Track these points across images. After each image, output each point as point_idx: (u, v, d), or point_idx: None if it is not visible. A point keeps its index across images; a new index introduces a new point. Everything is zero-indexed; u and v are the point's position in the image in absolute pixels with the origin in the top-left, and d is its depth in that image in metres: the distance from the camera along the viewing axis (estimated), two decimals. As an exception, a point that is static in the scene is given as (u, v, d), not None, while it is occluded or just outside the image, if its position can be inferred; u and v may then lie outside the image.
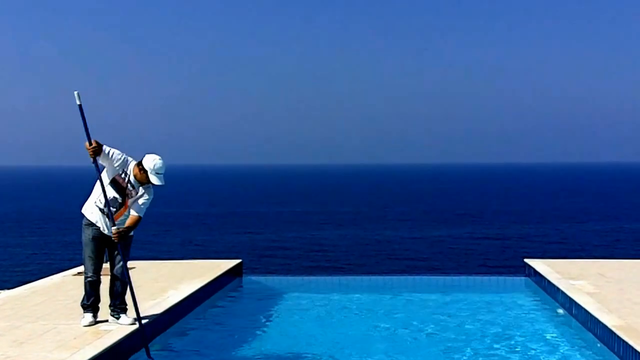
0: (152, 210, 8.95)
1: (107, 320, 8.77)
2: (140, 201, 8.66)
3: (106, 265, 8.82)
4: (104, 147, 8.45)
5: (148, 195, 8.71)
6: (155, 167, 8.52)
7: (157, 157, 8.58)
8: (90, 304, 8.71)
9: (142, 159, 8.58)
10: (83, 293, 8.77)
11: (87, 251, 8.64)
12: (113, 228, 8.43)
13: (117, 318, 8.77)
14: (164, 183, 8.55)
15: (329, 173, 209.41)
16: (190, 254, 29.42)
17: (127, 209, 8.65)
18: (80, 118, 8.31)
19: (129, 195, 8.61)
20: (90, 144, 8.28)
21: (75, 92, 8.29)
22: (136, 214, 8.62)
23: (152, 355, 8.42)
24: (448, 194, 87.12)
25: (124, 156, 8.59)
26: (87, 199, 8.72)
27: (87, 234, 8.62)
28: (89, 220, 8.60)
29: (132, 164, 8.62)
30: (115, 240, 8.48)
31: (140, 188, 8.63)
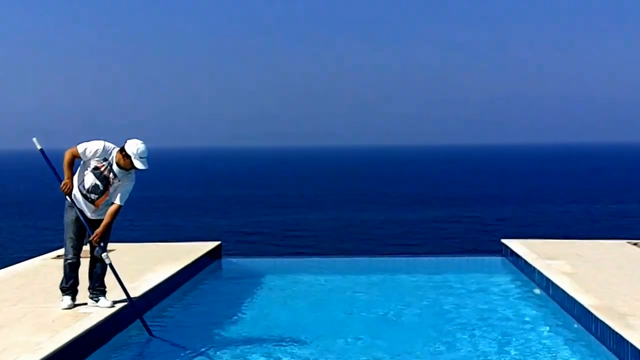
0: (131, 193, 8.89)
1: (86, 303, 8.72)
2: (123, 189, 8.64)
3: (86, 248, 8.78)
4: (78, 147, 8.49)
5: (130, 181, 8.69)
6: (139, 152, 8.48)
7: (139, 141, 8.55)
8: (69, 286, 8.66)
9: (124, 144, 8.54)
10: (62, 276, 8.71)
11: (69, 232, 8.60)
12: (93, 237, 8.49)
13: (96, 301, 8.73)
14: (147, 167, 8.53)
15: (307, 155, 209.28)
16: (169, 236, 29.33)
17: (109, 196, 8.64)
18: (45, 162, 8.55)
19: (111, 183, 8.58)
20: (60, 182, 8.45)
21: (34, 139, 8.43)
22: (118, 203, 8.60)
23: (153, 333, 8.61)
24: (425, 176, 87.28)
25: (103, 145, 8.56)
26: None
27: (69, 216, 8.58)
28: (71, 202, 8.54)
29: (115, 151, 8.56)
30: (95, 244, 8.54)
31: (122, 174, 8.60)
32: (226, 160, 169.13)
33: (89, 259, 8.79)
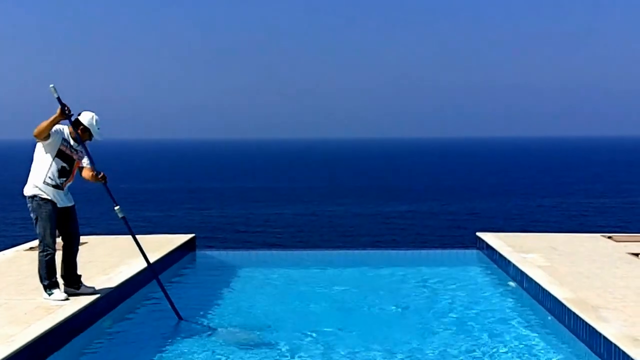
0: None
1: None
2: (85, 157, 8.82)
3: (58, 240, 8.81)
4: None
5: (85, 149, 8.82)
6: (97, 123, 8.74)
7: (93, 113, 8.77)
8: (55, 279, 8.65)
9: (77, 118, 8.68)
10: (40, 272, 8.64)
11: (49, 227, 8.59)
12: (99, 174, 8.72)
13: (77, 288, 8.78)
14: (104, 138, 8.79)
15: (281, 148, 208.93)
16: (142, 229, 29.24)
17: (74, 176, 8.82)
18: (59, 104, 8.35)
19: (78, 159, 8.79)
20: (64, 112, 8.34)
21: (51, 86, 8.36)
22: (90, 166, 8.80)
23: (182, 316, 8.98)
24: (399, 169, 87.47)
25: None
26: (27, 178, 8.68)
27: (46, 210, 8.57)
28: (44, 198, 8.54)
29: (66, 129, 8.70)
30: (104, 181, 8.77)
31: (80, 148, 8.79)
32: (198, 153, 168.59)
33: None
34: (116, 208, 8.94)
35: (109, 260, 11.33)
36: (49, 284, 8.62)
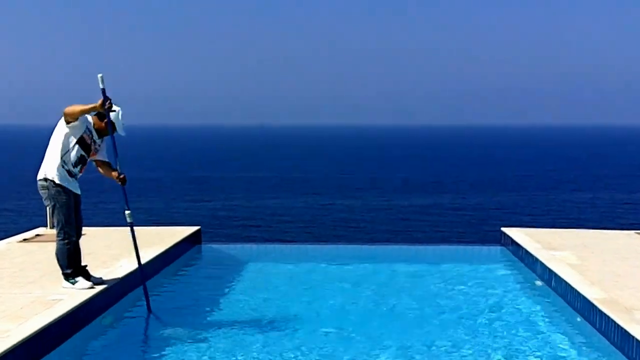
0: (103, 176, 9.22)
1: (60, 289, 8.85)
2: (104, 151, 9.09)
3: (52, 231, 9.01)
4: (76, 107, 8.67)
5: (105, 142, 9.11)
6: (121, 118, 8.86)
7: (119, 107, 8.86)
8: (76, 267, 8.90)
9: (101, 111, 8.78)
10: (60, 261, 8.90)
11: (69, 214, 8.85)
12: (120, 175, 8.93)
13: (88, 279, 9.01)
14: (126, 134, 8.92)
15: (291, 135, 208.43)
16: (144, 221, 29.34)
17: (87, 165, 9.00)
18: (102, 95, 8.53)
19: (95, 151, 8.98)
20: (104, 106, 8.53)
21: (100, 75, 8.54)
22: (107, 160, 9.11)
23: (152, 310, 9.19)
24: (420, 160, 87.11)
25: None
26: (42, 163, 8.87)
27: (64, 197, 8.81)
28: (62, 185, 8.74)
29: (90, 119, 8.89)
30: (123, 183, 8.98)
31: (100, 140, 9.02)
32: (198, 140, 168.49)
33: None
34: (127, 212, 9.18)
35: (109, 252, 11.43)
36: (72, 272, 8.88)
